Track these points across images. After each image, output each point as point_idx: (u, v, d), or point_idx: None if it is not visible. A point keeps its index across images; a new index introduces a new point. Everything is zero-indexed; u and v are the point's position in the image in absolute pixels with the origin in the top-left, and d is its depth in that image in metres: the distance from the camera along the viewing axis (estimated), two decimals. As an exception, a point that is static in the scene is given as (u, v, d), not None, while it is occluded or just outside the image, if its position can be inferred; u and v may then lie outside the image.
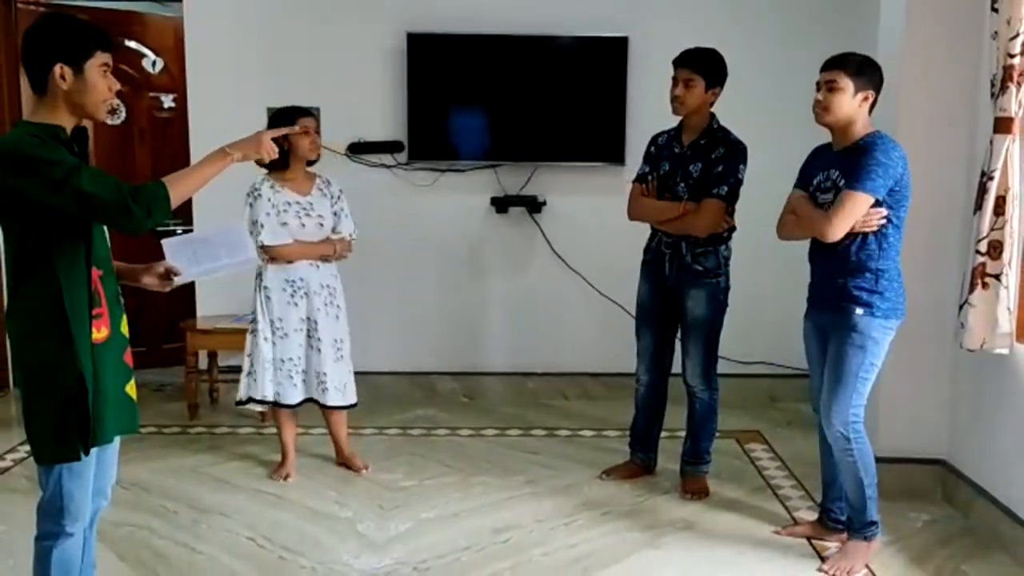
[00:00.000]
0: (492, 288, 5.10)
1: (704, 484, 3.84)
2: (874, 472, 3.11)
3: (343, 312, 3.89)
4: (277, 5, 4.88)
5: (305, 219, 3.77)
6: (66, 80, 2.22)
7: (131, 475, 3.81)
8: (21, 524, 3.27)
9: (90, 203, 2.15)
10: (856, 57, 2.99)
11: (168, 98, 5.42)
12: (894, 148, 2.93)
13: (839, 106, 2.95)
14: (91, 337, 2.26)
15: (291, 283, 3.78)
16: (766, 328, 4.84)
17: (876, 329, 2.99)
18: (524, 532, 3.43)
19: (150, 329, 5.20)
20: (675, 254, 3.65)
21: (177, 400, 4.93)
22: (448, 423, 4.73)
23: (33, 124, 2.24)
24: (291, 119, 3.60)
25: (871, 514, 3.14)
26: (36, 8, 5.03)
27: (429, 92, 4.89)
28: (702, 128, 3.63)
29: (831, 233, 2.93)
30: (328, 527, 3.47)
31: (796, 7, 4.87)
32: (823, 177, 3.07)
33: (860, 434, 3.07)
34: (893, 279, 3.01)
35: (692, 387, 3.79)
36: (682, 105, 3.58)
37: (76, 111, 2.27)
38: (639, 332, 3.86)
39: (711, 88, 3.57)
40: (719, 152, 3.59)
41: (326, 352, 3.81)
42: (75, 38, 2.25)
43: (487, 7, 4.84)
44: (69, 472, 2.29)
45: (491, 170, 4.99)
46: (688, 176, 3.60)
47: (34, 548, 2.40)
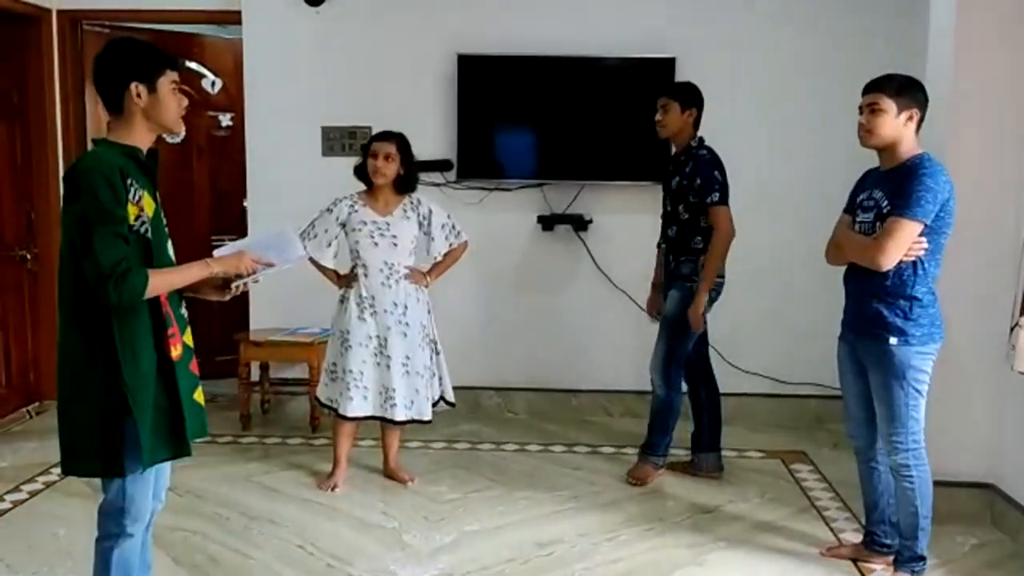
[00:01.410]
0: (538, 305, 5.15)
1: (647, 473, 4.09)
2: (931, 504, 3.08)
3: (412, 330, 3.91)
4: (331, 28, 5.01)
5: (379, 238, 3.87)
6: (141, 98, 2.36)
7: (186, 483, 3.92)
8: (80, 527, 3.41)
9: (87, 255, 2.25)
10: (897, 78, 2.99)
11: (226, 117, 5.58)
12: (941, 172, 2.91)
13: (882, 127, 2.95)
14: (167, 357, 2.38)
15: (363, 299, 3.89)
16: (813, 349, 4.81)
17: (913, 357, 2.97)
18: (567, 547, 3.46)
19: (204, 341, 5.23)
20: (667, 262, 4.10)
21: (230, 411, 5.04)
22: (493, 438, 4.78)
23: (112, 143, 2.38)
24: (367, 144, 3.93)
25: (922, 547, 3.10)
26: (102, 31, 5.24)
27: (478, 112, 4.99)
28: (682, 147, 4.04)
29: (884, 262, 2.90)
30: (375, 537, 3.54)
31: (843, 29, 4.86)
32: (866, 196, 3.07)
33: (922, 460, 3.05)
34: (928, 305, 2.98)
35: (652, 379, 4.10)
36: (663, 128, 4.01)
37: (154, 126, 2.41)
38: None
39: (686, 109, 3.96)
40: (691, 166, 3.96)
41: (395, 369, 3.88)
42: (145, 58, 2.40)
43: (536, 29, 4.92)
44: (132, 476, 2.39)
45: (538, 188, 5.05)
46: (670, 189, 4.05)
47: (95, 549, 2.50)
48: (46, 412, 5.08)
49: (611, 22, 4.92)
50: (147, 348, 2.35)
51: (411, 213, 3.94)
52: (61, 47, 5.10)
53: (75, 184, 2.29)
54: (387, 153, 3.84)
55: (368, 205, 3.91)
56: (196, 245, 5.38)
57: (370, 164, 3.85)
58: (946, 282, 3.48)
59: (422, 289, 3.98)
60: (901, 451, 3.03)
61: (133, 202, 2.30)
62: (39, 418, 5.03)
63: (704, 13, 4.92)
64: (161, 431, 2.38)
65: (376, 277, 3.88)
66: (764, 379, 5.05)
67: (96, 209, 2.24)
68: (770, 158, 4.97)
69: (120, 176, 2.27)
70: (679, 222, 3.99)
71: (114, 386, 2.30)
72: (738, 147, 4.94)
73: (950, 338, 3.49)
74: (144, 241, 2.34)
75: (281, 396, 5.10)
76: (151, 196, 2.39)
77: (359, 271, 3.90)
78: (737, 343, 5.00)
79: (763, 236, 4.94)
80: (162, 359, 2.38)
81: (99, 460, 2.37)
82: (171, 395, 2.40)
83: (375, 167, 3.84)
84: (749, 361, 5.03)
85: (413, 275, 3.94)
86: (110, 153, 2.34)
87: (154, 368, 2.36)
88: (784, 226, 4.88)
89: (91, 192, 2.24)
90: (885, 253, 2.90)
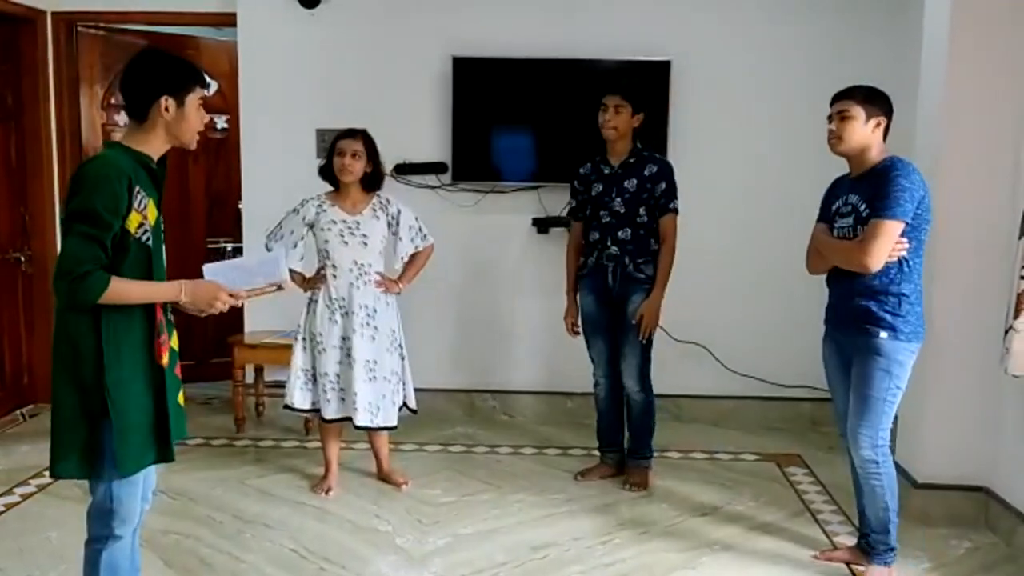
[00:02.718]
0: (532, 308, 5.14)
1: (646, 477, 4.10)
2: (897, 496, 3.14)
3: (381, 334, 3.89)
4: (327, 31, 5.01)
5: (349, 238, 3.84)
6: (169, 111, 2.38)
7: (179, 485, 3.91)
8: (73, 530, 3.38)
9: (61, 250, 2.28)
10: (863, 87, 3.08)
11: (221, 119, 5.58)
12: (915, 171, 2.97)
13: (852, 134, 3.02)
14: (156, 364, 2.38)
15: (333, 300, 3.87)
16: (808, 352, 4.79)
17: (901, 352, 3.01)
18: (561, 550, 3.45)
19: (199, 344, 5.32)
20: (617, 266, 3.96)
21: (224, 413, 5.03)
22: (487, 441, 4.78)
23: (126, 149, 2.39)
24: (332, 143, 3.88)
25: (893, 539, 3.17)
26: (97, 32, 5.23)
27: (473, 115, 4.98)
28: (629, 149, 3.97)
29: (871, 264, 2.95)
30: (368, 540, 3.53)
31: (836, 34, 4.87)
32: (841, 203, 3.13)
33: (887, 457, 3.11)
34: (915, 303, 3.03)
35: (628, 388, 4.05)
36: (612, 129, 3.91)
37: (172, 139, 2.43)
38: (590, 340, 4.13)
39: (636, 114, 3.91)
40: (652, 169, 3.93)
41: (357, 372, 3.84)
42: (179, 73, 2.42)
43: (531, 32, 4.92)
44: (119, 479, 2.38)
45: (533, 191, 5.05)
46: (624, 191, 3.93)
47: (84, 552, 2.50)
48: (39, 415, 5.07)
49: (606, 25, 4.92)
50: (133, 353, 2.35)
51: (380, 213, 3.91)
52: (56, 49, 5.10)
53: (78, 183, 2.29)
54: (354, 151, 3.81)
55: (336, 205, 3.88)
56: (191, 247, 5.40)
57: (337, 162, 3.82)
58: (940, 285, 3.50)
59: (385, 296, 3.94)
60: (868, 446, 3.07)
61: (138, 210, 2.31)
62: (32, 420, 5.02)
63: (699, 16, 4.92)
64: (148, 436, 2.38)
65: (345, 277, 3.85)
66: (758, 382, 5.05)
67: (85, 210, 2.24)
68: (764, 161, 4.97)
69: (128, 184, 2.27)
70: (635, 224, 3.94)
71: (97, 388, 2.30)
72: (732, 150, 4.96)
73: (945, 341, 3.51)
74: (145, 249, 2.35)
75: (275, 398, 5.07)
76: (156, 204, 2.40)
77: (328, 272, 3.87)
78: (731, 346, 5.00)
79: (756, 240, 4.95)
80: (152, 365, 2.38)
81: (80, 461, 2.37)
82: (159, 401, 2.39)
83: (342, 164, 3.81)
84: (743, 364, 5.03)
85: (384, 283, 3.91)
86: (123, 159, 2.34)
87: (139, 373, 2.36)
88: (777, 230, 4.87)
89: (89, 193, 2.25)
90: (871, 255, 2.94)
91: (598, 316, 4.07)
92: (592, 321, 4.10)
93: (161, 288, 2.40)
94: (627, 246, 3.95)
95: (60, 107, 5.14)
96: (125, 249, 2.31)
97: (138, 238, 2.33)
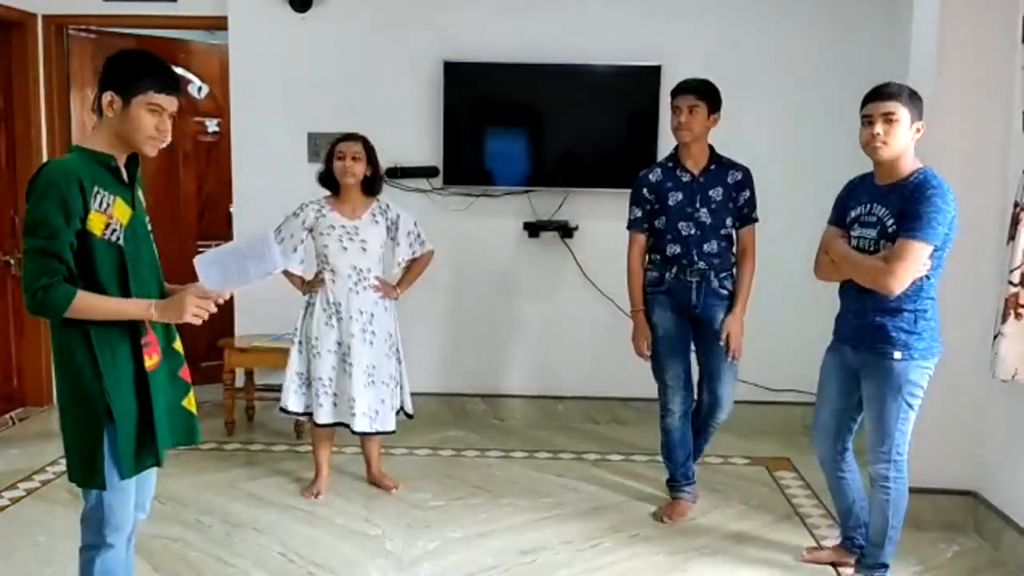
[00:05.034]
0: (524, 311, 5.15)
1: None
2: (903, 516, 3.07)
3: (379, 339, 3.89)
4: (318, 35, 5.02)
5: (348, 243, 3.84)
6: (113, 109, 2.31)
7: (168, 489, 3.90)
8: (61, 534, 3.39)
9: (24, 261, 2.26)
10: (906, 86, 2.91)
11: (212, 123, 5.58)
12: (949, 190, 2.81)
13: (898, 138, 2.83)
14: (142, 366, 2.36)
15: (330, 304, 3.86)
16: (799, 356, 4.81)
17: (913, 371, 2.92)
18: (550, 553, 3.45)
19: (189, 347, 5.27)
20: (703, 281, 3.66)
21: (215, 417, 5.01)
22: (478, 445, 4.78)
23: (85, 150, 2.34)
24: (331, 147, 3.85)
25: (887, 555, 3.09)
26: (88, 36, 5.23)
27: (464, 119, 4.99)
28: (707, 154, 3.70)
29: (896, 287, 2.80)
30: (357, 544, 3.52)
31: (825, 38, 4.89)
32: (864, 211, 2.97)
33: (900, 473, 3.03)
34: (931, 318, 2.92)
35: (724, 410, 3.80)
36: (688, 131, 3.60)
37: (122, 141, 2.35)
38: (667, 363, 3.74)
39: (712, 115, 3.63)
40: (736, 176, 3.69)
41: (357, 377, 3.84)
42: (130, 72, 2.32)
43: (522, 36, 4.93)
44: (111, 486, 2.36)
45: (524, 195, 5.06)
46: (708, 200, 3.64)
47: (78, 558, 2.48)
48: (29, 418, 5.05)
49: (597, 30, 4.94)
50: (124, 355, 2.34)
51: (380, 218, 3.91)
52: (46, 52, 5.09)
53: (28, 194, 2.27)
54: (354, 153, 3.82)
55: (336, 209, 3.87)
56: (182, 250, 5.37)
57: (338, 165, 3.82)
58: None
59: (383, 302, 3.94)
60: (883, 461, 3.01)
61: (100, 211, 2.27)
62: (22, 424, 5.00)
63: (690, 21, 4.94)
64: (136, 441, 2.37)
65: (344, 283, 3.85)
66: (749, 386, 5.05)
67: (35, 221, 2.22)
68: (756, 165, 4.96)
69: (79, 186, 2.23)
70: (719, 236, 3.66)
71: (98, 393, 2.29)
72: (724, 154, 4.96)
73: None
74: (116, 249, 2.32)
75: (266, 402, 5.08)
76: (127, 203, 2.35)
77: (326, 276, 3.87)
78: (722, 350, 5.01)
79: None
80: (137, 368, 2.37)
81: (80, 468, 2.36)
82: (144, 405, 2.37)
83: (344, 167, 3.81)
84: (734, 368, 5.03)
85: (383, 288, 3.92)
86: (76, 161, 2.30)
87: (131, 376, 2.35)
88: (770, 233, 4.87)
89: (36, 202, 2.22)
90: (897, 278, 2.80)
91: (677, 337, 3.72)
92: (670, 342, 3.72)
93: (131, 306, 2.33)
94: (713, 260, 3.64)
95: (50, 110, 5.13)
96: (90, 252, 2.27)
97: (105, 239, 2.28)
